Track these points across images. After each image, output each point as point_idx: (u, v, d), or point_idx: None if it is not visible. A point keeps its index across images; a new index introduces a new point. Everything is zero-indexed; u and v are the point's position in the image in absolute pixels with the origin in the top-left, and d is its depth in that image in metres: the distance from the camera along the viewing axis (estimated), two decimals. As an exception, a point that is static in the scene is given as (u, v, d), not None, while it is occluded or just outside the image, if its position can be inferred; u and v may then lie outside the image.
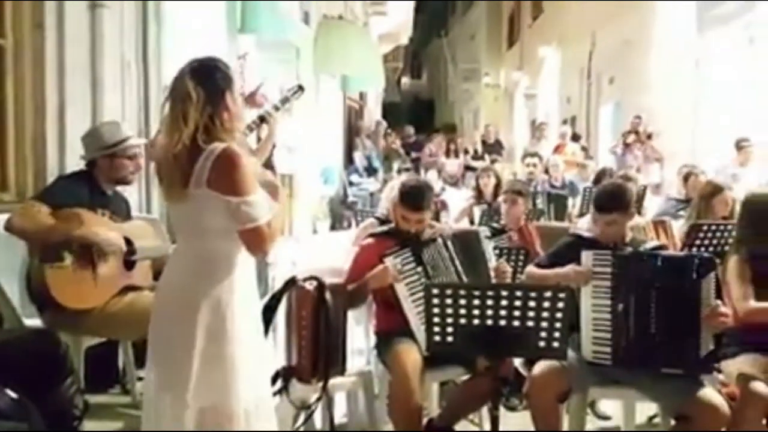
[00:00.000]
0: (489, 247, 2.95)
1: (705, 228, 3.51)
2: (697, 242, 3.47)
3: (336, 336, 2.49)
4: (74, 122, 3.47)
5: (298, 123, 7.56)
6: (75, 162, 3.12)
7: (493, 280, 2.74)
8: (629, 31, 10.80)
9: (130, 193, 3.67)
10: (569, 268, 2.52)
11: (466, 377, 2.75)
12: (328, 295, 2.44)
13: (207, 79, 1.82)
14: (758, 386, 2.32)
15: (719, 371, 2.59)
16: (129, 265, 2.78)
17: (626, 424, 3.00)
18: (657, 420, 2.84)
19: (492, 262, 2.86)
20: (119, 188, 3.00)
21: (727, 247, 3.15)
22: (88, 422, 2.52)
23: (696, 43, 9.12)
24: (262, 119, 3.89)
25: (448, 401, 2.96)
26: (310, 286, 2.46)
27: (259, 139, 4.21)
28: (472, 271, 2.74)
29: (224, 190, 1.76)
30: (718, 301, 2.36)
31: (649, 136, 8.66)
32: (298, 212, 7.96)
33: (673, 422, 2.50)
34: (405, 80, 30.51)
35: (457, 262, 2.72)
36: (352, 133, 11.37)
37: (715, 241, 3.45)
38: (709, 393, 2.30)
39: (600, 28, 12.19)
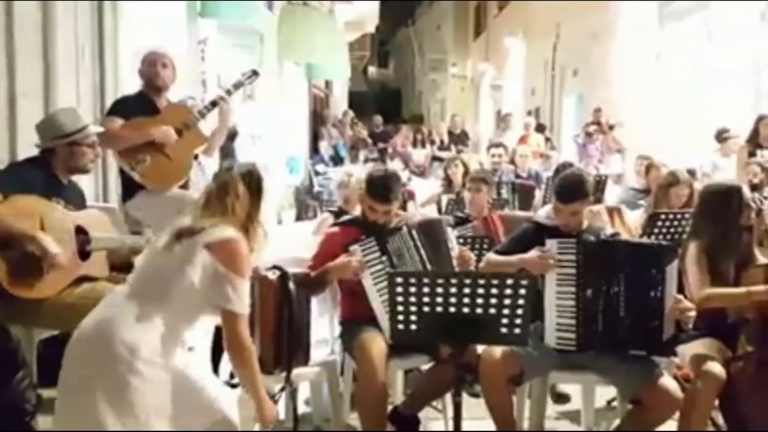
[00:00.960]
0: (452, 235, 2.97)
1: (663, 217, 3.60)
2: (656, 230, 3.56)
3: (299, 326, 2.47)
4: (26, 110, 3.35)
5: (261, 111, 7.46)
6: (27, 150, 3.02)
7: (456, 268, 2.75)
8: (593, 25, 10.96)
9: (87, 182, 3.57)
10: (533, 253, 2.53)
11: (430, 365, 2.77)
12: (291, 285, 2.42)
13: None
14: (712, 366, 2.39)
15: (675, 354, 2.67)
16: (84, 255, 2.70)
17: (585, 407, 3.07)
18: (615, 403, 2.91)
19: (455, 250, 2.87)
20: (74, 177, 2.91)
21: (684, 236, 3.25)
22: (42, 417, 2.44)
23: (656, 37, 9.32)
24: (213, 104, 3.80)
25: (413, 389, 2.99)
26: (273, 275, 2.44)
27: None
28: (437, 259, 2.75)
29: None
30: (680, 296, 2.42)
31: (611, 128, 8.82)
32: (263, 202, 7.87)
33: (629, 406, 2.56)
34: (372, 69, 30.40)
35: (422, 251, 2.73)
36: (317, 122, 11.28)
37: (672, 230, 3.54)
38: (664, 379, 2.37)
39: (564, 21, 12.35)
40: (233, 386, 2.37)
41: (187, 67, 5.39)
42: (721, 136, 6.10)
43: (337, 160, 10.41)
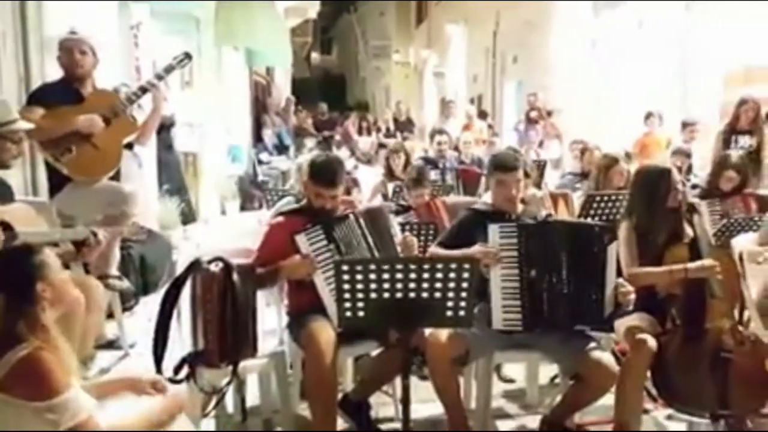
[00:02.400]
0: (395, 222, 2.99)
1: (599, 198, 3.74)
2: (592, 212, 3.70)
3: (245, 318, 2.42)
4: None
5: (200, 99, 7.26)
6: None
7: (401, 254, 2.78)
8: (531, 13, 11.19)
9: (15, 176, 3.39)
10: (476, 248, 2.58)
11: (379, 350, 2.79)
12: (235, 277, 2.37)
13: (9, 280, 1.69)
14: (644, 337, 2.52)
15: (614, 329, 2.79)
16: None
17: (529, 385, 3.18)
18: (558, 380, 3.02)
19: (398, 237, 2.88)
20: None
21: (619, 216, 3.39)
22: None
23: (591, 25, 9.61)
24: (143, 89, 3.64)
25: (362, 375, 3.01)
26: (215, 267, 2.38)
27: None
28: (383, 246, 2.76)
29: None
30: (620, 280, 2.53)
31: (549, 114, 9.07)
32: (205, 192, 7.67)
33: (570, 382, 2.67)
34: (315, 56, 29.99)
35: (369, 239, 2.72)
36: (259, 109, 11.06)
37: (607, 211, 3.69)
38: (601, 354, 2.48)
39: (504, 9, 12.55)
40: (177, 382, 2.32)
41: (119, 54, 5.18)
42: (685, 124, 6.20)
43: (281, 148, 10.26)
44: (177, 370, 2.35)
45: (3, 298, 1.69)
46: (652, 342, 2.51)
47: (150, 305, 3.74)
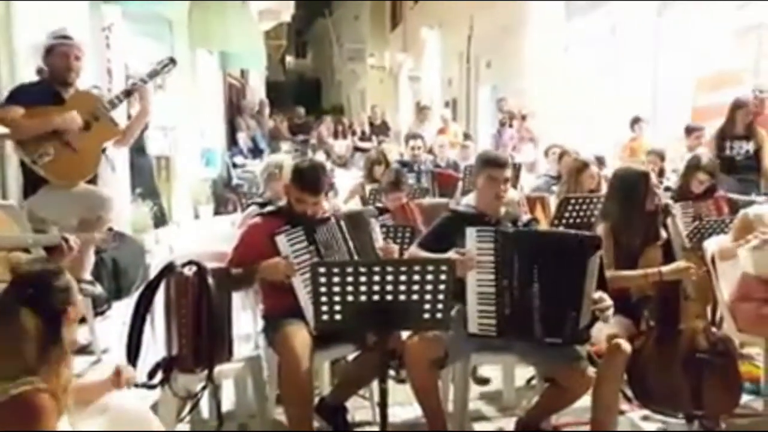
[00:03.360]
0: (376, 226, 2.97)
1: (573, 201, 3.77)
2: (566, 214, 3.73)
3: (220, 322, 2.40)
4: None
5: (173, 102, 7.15)
6: None
7: (381, 259, 2.75)
8: (504, 17, 11.31)
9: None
10: (452, 255, 2.48)
11: (356, 354, 2.76)
12: (210, 280, 2.34)
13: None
14: (619, 341, 2.53)
15: (590, 340, 2.77)
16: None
17: (506, 387, 3.19)
18: (534, 382, 3.03)
19: (379, 242, 2.87)
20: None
21: (593, 218, 3.41)
22: None
23: (564, 30, 9.75)
24: (128, 93, 3.58)
25: (339, 379, 2.98)
26: (189, 271, 2.35)
27: (129, 117, 3.90)
28: (364, 250, 2.74)
29: None
30: (600, 294, 2.42)
31: (524, 117, 9.15)
32: (178, 196, 7.56)
33: (546, 384, 2.68)
34: (289, 59, 29.88)
35: (350, 243, 2.71)
36: (233, 112, 10.95)
37: (582, 213, 3.72)
38: (578, 360, 2.47)
39: (478, 13, 12.66)
40: (151, 387, 2.28)
41: (90, 56, 5.07)
42: (689, 130, 5.91)
43: (256, 152, 10.18)
44: (151, 374, 2.31)
45: (39, 321, 1.65)
46: (627, 346, 2.52)
47: (123, 309, 3.66)
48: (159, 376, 2.32)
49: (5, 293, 1.71)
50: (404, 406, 2.84)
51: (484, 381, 3.38)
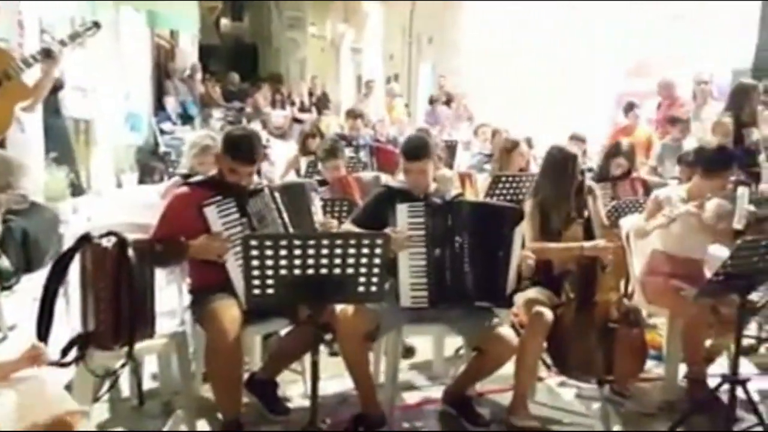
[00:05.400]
0: (315, 200, 2.92)
1: (504, 179, 3.92)
2: (497, 191, 3.87)
3: (142, 297, 2.28)
4: None
5: (94, 61, 6.73)
6: None
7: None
8: (446, -7, 11.34)
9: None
10: (386, 233, 2.53)
11: (289, 328, 2.76)
12: (130, 252, 2.22)
13: None
14: (541, 310, 2.69)
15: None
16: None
17: (436, 357, 3.32)
18: (462, 352, 3.17)
19: (318, 215, 2.85)
20: None
21: (522, 196, 3.57)
22: None
23: (504, 10, 9.89)
24: (47, 53, 3.37)
25: (271, 353, 2.95)
26: (108, 242, 2.23)
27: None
28: (300, 223, 2.70)
29: None
30: (524, 251, 2.66)
31: (456, 97, 9.29)
32: (99, 163, 7.16)
33: (473, 353, 2.81)
34: (225, 22, 28.68)
35: (285, 215, 2.66)
36: (161, 75, 10.42)
37: (512, 191, 3.87)
38: (501, 328, 2.63)
39: (420, -13, 12.61)
40: (64, 365, 2.18)
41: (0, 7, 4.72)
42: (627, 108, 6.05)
43: (185, 118, 9.74)
44: (65, 352, 2.20)
45: None
46: (548, 314, 2.68)
47: (33, 283, 3.48)
48: (73, 353, 2.21)
49: None
50: (335, 378, 2.89)
51: (409, 351, 3.47)
